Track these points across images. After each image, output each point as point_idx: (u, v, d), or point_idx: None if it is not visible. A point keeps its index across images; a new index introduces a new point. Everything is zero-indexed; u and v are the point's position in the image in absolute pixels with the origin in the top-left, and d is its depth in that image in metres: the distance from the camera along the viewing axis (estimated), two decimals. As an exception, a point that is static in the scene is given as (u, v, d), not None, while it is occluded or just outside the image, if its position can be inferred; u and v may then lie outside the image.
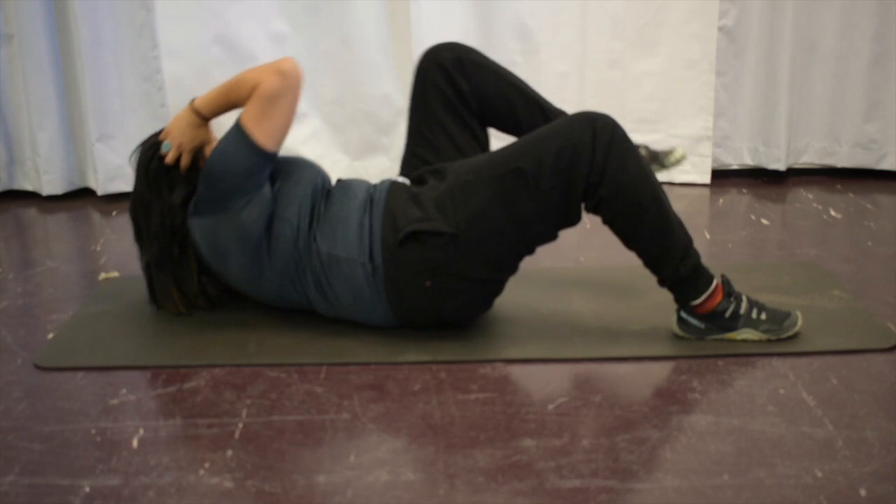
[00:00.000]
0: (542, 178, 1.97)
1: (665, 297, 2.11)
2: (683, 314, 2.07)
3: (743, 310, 2.05)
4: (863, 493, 1.54)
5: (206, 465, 1.69)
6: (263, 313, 2.28)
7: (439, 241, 2.02)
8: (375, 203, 2.11)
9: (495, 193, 2.00)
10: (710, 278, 2.05)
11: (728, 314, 2.04)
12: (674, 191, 3.35)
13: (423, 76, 2.30)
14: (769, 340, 2.06)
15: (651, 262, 2.05)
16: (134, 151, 2.27)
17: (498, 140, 2.31)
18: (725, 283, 2.07)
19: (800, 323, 2.07)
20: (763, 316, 2.06)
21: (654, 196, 1.99)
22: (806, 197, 3.24)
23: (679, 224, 2.04)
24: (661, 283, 2.07)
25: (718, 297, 2.04)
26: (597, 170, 1.95)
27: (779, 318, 2.07)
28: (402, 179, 2.21)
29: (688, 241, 2.04)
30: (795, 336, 2.07)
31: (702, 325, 2.06)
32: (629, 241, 2.05)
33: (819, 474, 1.59)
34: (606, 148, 1.95)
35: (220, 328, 2.23)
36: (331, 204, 2.14)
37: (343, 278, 2.09)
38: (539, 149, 1.99)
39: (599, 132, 1.95)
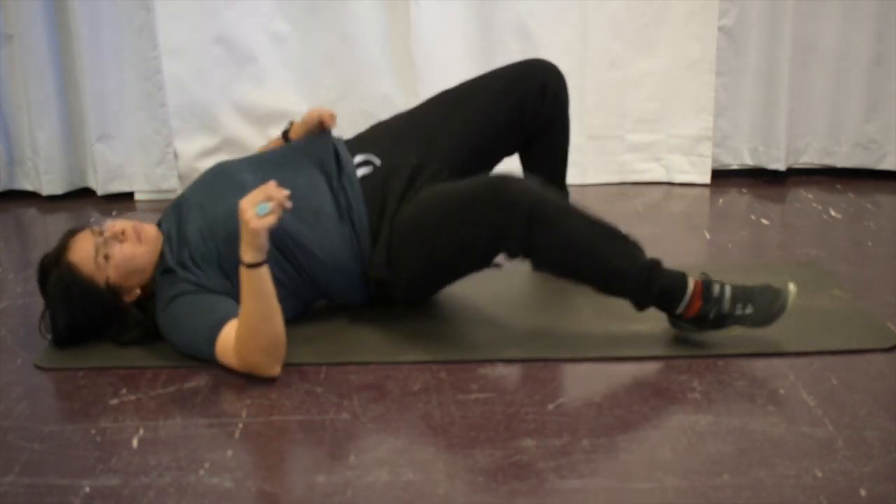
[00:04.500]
0: (474, 253, 2.05)
1: (665, 297, 2.11)
2: (673, 319, 2.06)
3: (727, 308, 1.99)
4: (863, 493, 1.54)
5: (206, 465, 1.69)
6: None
7: (398, 287, 2.16)
8: (357, 225, 2.12)
9: (433, 260, 2.08)
10: (684, 287, 1.99)
11: (712, 316, 2.00)
12: (674, 191, 3.36)
13: (521, 80, 2.28)
14: (764, 327, 2.02)
15: (616, 296, 2.05)
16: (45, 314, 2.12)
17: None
18: (705, 285, 2.00)
19: (792, 296, 1.98)
20: (749, 310, 1.99)
21: (590, 253, 1.97)
22: (806, 197, 3.24)
23: (628, 255, 1.99)
24: (637, 308, 2.05)
25: (697, 303, 1.99)
26: (523, 246, 1.97)
27: (765, 305, 1.98)
28: (362, 168, 2.19)
29: (643, 266, 1.99)
30: (788, 311, 1.99)
31: (693, 327, 2.05)
32: (583, 287, 2.06)
33: (819, 474, 1.59)
34: (527, 225, 1.93)
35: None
36: (310, 238, 2.10)
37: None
38: (463, 229, 2.00)
39: (518, 210, 1.93)
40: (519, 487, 1.59)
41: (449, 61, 3.36)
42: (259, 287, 1.92)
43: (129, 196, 3.44)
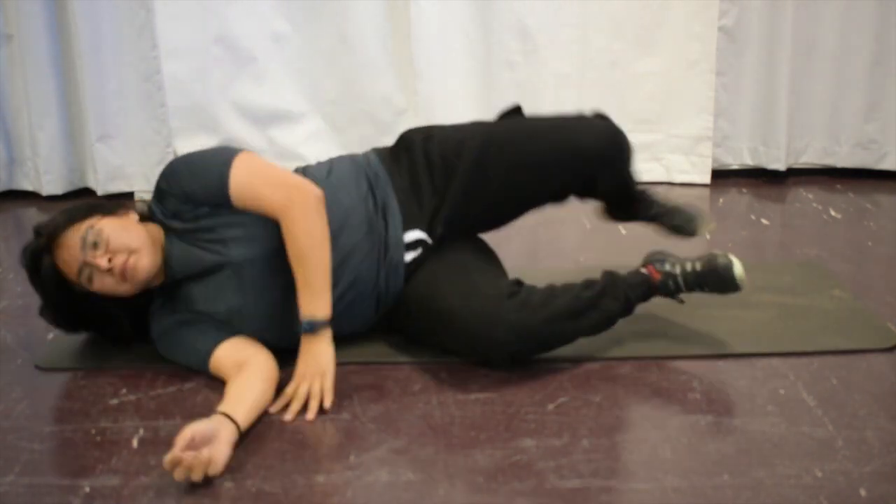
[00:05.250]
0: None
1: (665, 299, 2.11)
2: None
3: (686, 292, 2.08)
4: (863, 493, 1.54)
5: (206, 465, 1.69)
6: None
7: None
8: (384, 305, 2.11)
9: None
10: (649, 293, 2.09)
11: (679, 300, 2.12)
12: (674, 191, 3.36)
13: (574, 167, 2.16)
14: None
15: None
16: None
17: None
18: (661, 285, 2.08)
19: (741, 278, 2.04)
20: (706, 290, 2.07)
21: (570, 337, 2.01)
22: (806, 197, 3.24)
23: (603, 320, 2.04)
24: None
25: (662, 295, 2.10)
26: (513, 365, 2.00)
27: (720, 286, 2.05)
28: (411, 251, 2.11)
29: (619, 313, 2.05)
30: (745, 286, 2.06)
31: None
32: None
33: (819, 474, 1.59)
34: (510, 361, 1.97)
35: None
36: (339, 329, 2.02)
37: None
38: (452, 349, 2.01)
39: (498, 357, 1.96)
40: (519, 487, 1.59)
41: (449, 61, 3.36)
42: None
43: (129, 196, 3.44)
